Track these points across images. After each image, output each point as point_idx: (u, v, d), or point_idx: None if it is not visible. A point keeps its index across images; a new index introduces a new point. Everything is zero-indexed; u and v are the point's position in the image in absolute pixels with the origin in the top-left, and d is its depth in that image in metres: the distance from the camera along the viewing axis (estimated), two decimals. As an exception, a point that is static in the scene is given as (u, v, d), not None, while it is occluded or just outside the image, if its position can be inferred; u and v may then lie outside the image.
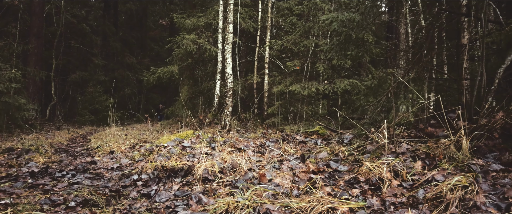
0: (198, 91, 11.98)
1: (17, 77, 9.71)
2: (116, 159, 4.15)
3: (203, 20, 11.62)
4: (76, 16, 17.44)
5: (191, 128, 9.49)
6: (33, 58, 14.01)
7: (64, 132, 10.88)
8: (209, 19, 11.72)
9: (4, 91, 9.29)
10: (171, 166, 3.28)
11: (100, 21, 20.13)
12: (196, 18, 11.73)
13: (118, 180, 3.14)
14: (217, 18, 11.72)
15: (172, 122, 12.20)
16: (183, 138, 4.48)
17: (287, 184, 2.75)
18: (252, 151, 3.95)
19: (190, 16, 12.07)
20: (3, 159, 4.04)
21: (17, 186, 2.82)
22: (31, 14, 14.35)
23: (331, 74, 9.00)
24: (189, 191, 2.72)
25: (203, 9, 14.06)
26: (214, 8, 12.00)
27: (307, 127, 8.53)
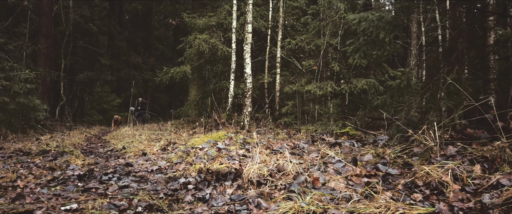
0: (209, 91, 11.95)
1: (31, 78, 9.67)
2: (152, 161, 4.13)
3: (214, 19, 11.59)
4: (84, 16, 17.39)
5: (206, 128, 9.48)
6: (42, 58, 13.99)
7: (76, 132, 10.85)
8: (220, 18, 11.69)
9: (19, 92, 9.26)
10: (216, 169, 3.26)
11: (105, 20, 20.07)
12: (208, 17, 11.69)
13: (166, 183, 3.12)
14: (228, 18, 11.70)
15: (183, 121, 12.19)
16: (215, 139, 4.46)
17: (343, 188, 2.73)
18: (289, 153, 3.93)
19: (201, 16, 12.04)
20: (39, 161, 4.01)
21: (70, 190, 2.80)
22: (40, 14, 14.31)
23: (347, 74, 8.99)
24: (244, 195, 2.70)
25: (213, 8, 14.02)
26: (224, 7, 11.97)
27: (323, 127, 8.52)
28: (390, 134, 4.25)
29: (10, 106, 9.14)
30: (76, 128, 12.54)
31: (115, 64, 19.53)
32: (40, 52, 13.71)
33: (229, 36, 11.45)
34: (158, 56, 24.85)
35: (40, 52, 13.66)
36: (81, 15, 16.94)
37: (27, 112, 9.69)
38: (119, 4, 21.55)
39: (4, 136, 8.68)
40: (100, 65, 18.53)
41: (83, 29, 17.66)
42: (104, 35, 19.68)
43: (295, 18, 12.35)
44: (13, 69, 9.55)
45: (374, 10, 5.58)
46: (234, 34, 10.13)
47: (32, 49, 12.00)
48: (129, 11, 23.60)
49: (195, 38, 10.80)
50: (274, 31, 12.08)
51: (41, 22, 14.32)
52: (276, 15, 11.96)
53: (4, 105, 9.06)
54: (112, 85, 18.24)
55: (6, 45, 9.55)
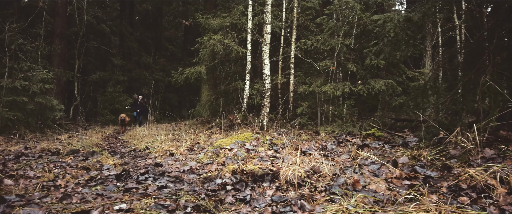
0: (223, 92, 11.97)
1: (49, 78, 9.77)
2: (181, 161, 4.14)
3: (228, 20, 11.60)
4: (96, 17, 17.54)
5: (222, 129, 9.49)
6: (57, 58, 14.12)
7: (92, 132, 10.93)
8: (234, 19, 11.70)
9: (37, 92, 9.36)
10: (251, 170, 3.27)
11: (117, 21, 20.21)
12: (221, 18, 11.71)
13: (202, 184, 3.12)
14: (242, 18, 11.71)
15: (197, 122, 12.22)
16: (242, 140, 4.46)
17: (384, 190, 2.71)
18: (319, 154, 3.92)
19: (215, 17, 12.06)
20: (71, 160, 4.05)
21: (110, 190, 2.82)
22: (55, 15, 14.44)
23: (364, 75, 8.94)
24: (285, 197, 2.70)
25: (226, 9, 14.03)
26: (238, 8, 11.98)
27: (340, 128, 8.49)
28: (420, 136, 4.22)
29: (28, 106, 9.24)
30: (90, 128, 12.64)
31: (126, 64, 19.67)
32: (55, 53, 13.85)
33: (243, 36, 11.46)
34: (168, 57, 24.96)
35: (54, 52, 13.80)
36: (94, 16, 17.08)
37: (45, 112, 9.79)
38: (129, 5, 21.70)
39: (23, 136, 8.77)
40: (112, 65, 18.68)
41: (96, 30, 17.81)
42: (116, 36, 19.83)
43: (309, 18, 12.33)
44: (31, 69, 9.66)
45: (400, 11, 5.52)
46: (249, 35, 10.13)
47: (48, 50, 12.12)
48: (140, 12, 23.74)
49: (210, 38, 10.82)
50: (288, 31, 12.06)
51: (55, 23, 14.45)
52: (290, 15, 11.93)
53: (23, 105, 9.17)
54: (123, 85, 18.37)
55: (25, 46, 9.65)
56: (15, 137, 8.51)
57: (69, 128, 12.02)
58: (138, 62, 20.68)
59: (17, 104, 9.08)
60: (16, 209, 2.10)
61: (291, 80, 11.36)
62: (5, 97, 8.97)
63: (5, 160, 4.36)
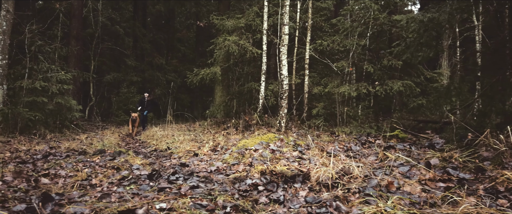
0: (237, 93, 12.01)
1: (67, 79, 9.93)
2: (206, 161, 4.17)
3: (243, 21, 11.64)
4: (110, 19, 17.76)
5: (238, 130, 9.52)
6: (73, 59, 14.34)
7: (108, 132, 11.07)
8: (249, 20, 11.73)
9: (57, 93, 9.51)
10: (280, 171, 3.27)
11: (130, 23, 20.44)
12: (236, 19, 11.76)
13: (232, 184, 3.14)
14: (256, 19, 11.74)
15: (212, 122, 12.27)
16: (266, 141, 4.47)
17: (419, 192, 2.69)
18: (345, 156, 3.91)
19: (229, 18, 12.11)
20: (99, 160, 4.11)
21: (145, 189, 2.86)
22: (71, 17, 14.67)
23: (381, 75, 8.87)
24: (319, 198, 2.70)
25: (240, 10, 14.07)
26: (253, 9, 12.02)
27: (358, 129, 8.44)
28: (446, 137, 4.18)
29: (48, 106, 9.40)
30: (106, 128, 12.79)
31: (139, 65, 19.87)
32: (71, 54, 14.06)
33: (257, 37, 11.49)
34: (180, 58, 25.13)
35: (71, 54, 14.02)
36: (108, 18, 17.31)
37: (64, 112, 9.95)
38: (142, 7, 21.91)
39: (43, 135, 8.92)
40: (125, 66, 18.87)
41: (110, 31, 18.03)
42: (129, 37, 20.05)
43: (323, 19, 12.29)
44: (50, 70, 9.82)
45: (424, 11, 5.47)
46: (265, 36, 10.14)
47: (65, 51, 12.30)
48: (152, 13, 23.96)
49: (225, 39, 10.87)
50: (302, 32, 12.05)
51: (71, 24, 14.68)
52: (304, 16, 11.92)
53: (43, 106, 9.33)
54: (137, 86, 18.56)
55: (44, 47, 9.82)
56: (35, 137, 8.66)
57: (86, 128, 12.18)
58: (151, 63, 20.88)
59: (37, 104, 9.25)
60: (66, 207, 2.14)
61: (306, 81, 11.34)
62: (26, 97, 9.14)
63: (34, 159, 4.45)
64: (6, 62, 9.44)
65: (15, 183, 2.99)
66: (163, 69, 21.62)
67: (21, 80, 9.35)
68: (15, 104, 8.88)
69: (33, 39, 9.63)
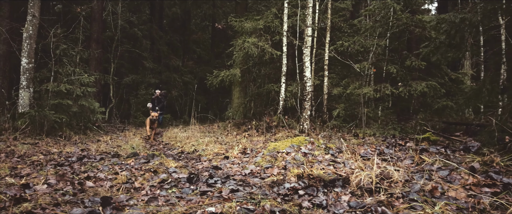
0: (256, 94, 12.04)
1: (91, 81, 10.12)
2: (238, 164, 4.19)
3: (261, 23, 11.66)
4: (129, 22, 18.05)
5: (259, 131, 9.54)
6: (93, 62, 14.62)
7: (130, 133, 11.23)
8: (268, 21, 11.75)
9: (81, 95, 9.70)
10: (317, 175, 3.27)
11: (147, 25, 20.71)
12: (255, 21, 11.79)
13: (270, 188, 3.16)
14: (275, 21, 11.75)
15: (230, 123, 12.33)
16: (296, 144, 4.47)
17: (464, 197, 2.66)
18: (379, 159, 3.88)
19: (247, 19, 12.16)
20: (133, 163, 4.18)
21: (187, 193, 2.90)
22: (91, 20, 14.97)
23: (404, 76, 8.77)
24: (362, 203, 2.68)
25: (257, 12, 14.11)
26: (271, 10, 12.03)
27: (381, 130, 8.36)
28: (482, 140, 4.10)
29: (72, 109, 9.60)
30: (126, 129, 12.99)
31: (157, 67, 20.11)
32: (92, 57, 14.34)
33: (276, 39, 11.50)
34: (196, 59, 25.34)
35: (92, 56, 14.29)
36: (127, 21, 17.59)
37: (87, 114, 10.14)
38: (159, 10, 22.20)
39: (69, 137, 9.12)
40: (143, 68, 19.13)
41: (128, 34, 18.31)
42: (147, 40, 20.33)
43: (342, 19, 12.22)
44: (74, 73, 10.03)
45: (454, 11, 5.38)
46: (285, 37, 10.15)
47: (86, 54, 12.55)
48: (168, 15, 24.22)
49: (244, 41, 10.92)
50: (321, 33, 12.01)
51: (92, 28, 14.98)
52: (323, 16, 11.87)
53: (68, 108, 9.53)
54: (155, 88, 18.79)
55: (68, 51, 10.03)
56: (61, 139, 8.85)
57: (107, 129, 12.39)
58: (167, 65, 21.11)
59: (62, 107, 9.45)
60: (126, 210, 2.19)
61: (325, 82, 11.29)
62: (51, 100, 9.35)
63: (69, 162, 4.56)
64: (33, 66, 9.69)
65: (60, 186, 3.07)
66: (180, 71, 21.82)
67: (46, 83, 9.57)
68: (42, 107, 9.10)
69: (58, 43, 9.85)
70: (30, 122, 8.75)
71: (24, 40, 9.60)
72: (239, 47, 11.07)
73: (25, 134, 8.69)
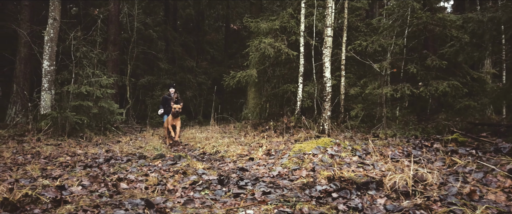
0: (272, 95, 12.02)
1: (110, 83, 10.26)
2: (264, 166, 4.19)
3: (277, 23, 11.64)
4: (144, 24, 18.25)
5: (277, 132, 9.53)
6: (110, 64, 14.83)
7: (147, 134, 11.35)
8: (283, 22, 11.73)
9: (101, 97, 9.85)
10: (348, 177, 3.24)
11: (162, 26, 20.91)
12: (271, 21, 11.78)
13: (301, 190, 3.14)
14: (291, 21, 11.72)
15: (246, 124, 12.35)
16: (322, 145, 4.45)
17: (505, 201, 2.60)
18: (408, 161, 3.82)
19: (263, 20, 12.16)
20: (161, 164, 4.22)
21: (220, 195, 2.91)
22: (108, 22, 15.18)
23: (424, 76, 8.63)
24: (399, 206, 2.65)
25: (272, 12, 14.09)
26: (287, 10, 12.00)
27: (402, 131, 8.25)
28: (514, 142, 4.01)
29: (93, 110, 9.75)
30: (144, 130, 13.13)
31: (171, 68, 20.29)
32: (109, 59, 14.55)
33: (292, 39, 11.47)
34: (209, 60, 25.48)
35: (109, 58, 14.50)
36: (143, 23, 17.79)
37: (107, 115, 10.29)
38: (173, 11, 22.40)
39: (89, 138, 9.26)
40: (158, 69, 19.33)
41: (144, 35, 18.51)
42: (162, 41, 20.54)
43: (359, 19, 12.12)
44: (93, 75, 10.19)
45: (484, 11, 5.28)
46: (302, 38, 10.11)
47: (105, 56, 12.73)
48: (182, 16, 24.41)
49: (260, 42, 10.92)
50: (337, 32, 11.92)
51: (108, 30, 15.19)
52: (339, 16, 11.79)
53: (88, 110, 9.68)
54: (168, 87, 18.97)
55: (88, 53, 10.20)
56: (82, 140, 9.00)
57: (125, 130, 12.55)
58: (182, 65, 21.28)
59: (82, 108, 9.61)
60: (168, 213, 2.21)
61: (342, 82, 11.21)
62: (72, 102, 9.52)
63: (97, 163, 4.63)
64: (54, 68, 9.88)
65: (94, 187, 3.12)
66: (194, 71, 21.98)
67: (67, 85, 9.74)
68: (63, 109, 9.27)
69: (78, 46, 10.02)
70: (52, 123, 8.93)
71: (45, 43, 9.80)
72: (256, 48, 11.08)
73: (48, 135, 8.87)
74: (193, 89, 20.95)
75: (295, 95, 11.29)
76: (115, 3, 14.82)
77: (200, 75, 22.02)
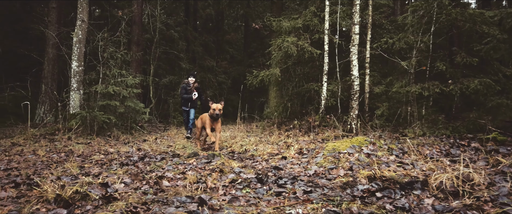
0: (295, 94, 11.96)
1: (136, 83, 10.44)
2: (298, 165, 4.17)
3: (300, 21, 11.57)
4: (166, 24, 18.49)
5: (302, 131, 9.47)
6: (134, 64, 15.09)
7: (171, 133, 11.49)
8: (306, 20, 11.65)
9: (127, 97, 10.03)
10: (390, 176, 3.18)
11: (183, 27, 21.13)
12: (293, 20, 11.72)
13: (342, 190, 3.11)
14: (314, 19, 11.62)
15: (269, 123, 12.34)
16: (357, 144, 4.39)
17: None
18: (449, 161, 3.72)
19: (285, 18, 12.11)
20: (196, 163, 4.26)
21: (262, 193, 2.91)
22: (132, 23, 15.45)
23: (454, 74, 8.40)
24: (449, 206, 2.58)
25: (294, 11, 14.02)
26: (310, 9, 11.91)
27: (431, 130, 8.05)
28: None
29: (119, 109, 9.95)
30: (167, 129, 13.31)
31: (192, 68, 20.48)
32: (133, 59, 14.81)
33: (315, 37, 11.37)
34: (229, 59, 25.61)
35: (132, 58, 14.76)
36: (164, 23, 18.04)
37: (133, 115, 10.48)
38: (194, 11, 22.61)
39: (117, 137, 9.44)
40: (179, 69, 19.54)
41: (165, 35, 18.76)
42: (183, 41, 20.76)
43: (383, 16, 11.91)
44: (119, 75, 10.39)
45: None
46: (326, 36, 10.02)
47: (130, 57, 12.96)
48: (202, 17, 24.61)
49: (283, 40, 10.88)
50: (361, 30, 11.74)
51: (132, 31, 15.46)
52: (363, 13, 11.61)
53: (115, 109, 9.88)
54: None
55: (115, 53, 10.40)
56: (110, 138, 9.18)
57: (149, 129, 12.75)
58: (202, 65, 21.46)
59: (109, 108, 9.82)
60: (221, 211, 2.23)
61: (367, 80, 11.03)
62: (100, 101, 9.73)
63: (132, 161, 4.71)
64: (82, 69, 10.13)
65: (136, 185, 3.17)
66: (214, 71, 22.12)
67: (95, 85, 9.97)
68: (92, 108, 9.49)
69: (105, 46, 10.24)
70: (81, 122, 9.15)
71: (74, 44, 10.06)
72: (278, 47, 11.04)
73: (77, 134, 9.10)
74: (213, 88, 21.10)
75: (318, 94, 11.20)
76: (138, 4, 15.07)
77: (220, 74, 22.15)
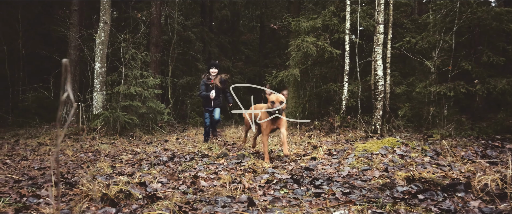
0: (315, 94, 11.90)
1: (156, 84, 10.56)
2: (329, 166, 4.13)
3: (319, 21, 11.51)
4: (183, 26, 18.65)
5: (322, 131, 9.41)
6: (153, 65, 15.27)
7: (191, 133, 11.57)
8: (325, 20, 11.57)
9: (149, 97, 10.15)
10: (429, 178, 3.12)
11: (199, 28, 21.28)
12: (312, 20, 11.67)
13: (380, 191, 3.06)
14: (333, 19, 11.54)
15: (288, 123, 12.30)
16: (389, 145, 4.32)
17: None
18: (487, 162, 3.63)
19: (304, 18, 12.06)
20: (226, 163, 4.28)
21: (301, 193, 2.89)
22: (150, 25, 15.64)
23: (480, 73, 8.21)
24: (497, 209, 2.51)
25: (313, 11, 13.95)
26: (329, 9, 11.83)
27: (457, 131, 7.89)
28: None
29: (141, 110, 10.07)
30: (186, 129, 13.41)
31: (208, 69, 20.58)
32: (152, 60, 14.98)
33: (335, 37, 11.29)
34: (244, 60, 25.66)
35: (151, 59, 14.94)
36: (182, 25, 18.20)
37: (154, 115, 10.60)
38: (210, 12, 22.76)
39: (139, 137, 9.56)
40: (196, 70, 19.68)
41: (183, 37, 18.91)
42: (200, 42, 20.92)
43: (404, 15, 11.74)
44: (140, 76, 10.52)
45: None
46: (347, 36, 9.93)
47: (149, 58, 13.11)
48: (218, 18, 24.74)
49: (303, 41, 10.83)
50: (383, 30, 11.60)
51: (151, 32, 15.65)
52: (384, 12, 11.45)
53: (137, 109, 10.01)
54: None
55: (136, 55, 10.54)
56: (132, 138, 9.30)
57: (169, 130, 12.87)
58: (218, 66, 21.55)
59: (131, 108, 9.95)
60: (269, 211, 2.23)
61: (388, 80, 10.89)
62: (122, 102, 9.88)
63: (162, 161, 4.76)
64: (105, 70, 10.30)
65: (173, 184, 3.19)
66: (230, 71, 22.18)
67: (117, 86, 10.12)
68: (114, 109, 9.64)
69: (127, 48, 10.39)
70: (105, 123, 9.30)
71: (96, 46, 10.23)
72: (297, 47, 11.01)
73: (101, 134, 9.24)
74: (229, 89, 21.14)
75: (338, 95, 11.12)
76: (157, 5, 15.25)
77: (236, 75, 22.22)
